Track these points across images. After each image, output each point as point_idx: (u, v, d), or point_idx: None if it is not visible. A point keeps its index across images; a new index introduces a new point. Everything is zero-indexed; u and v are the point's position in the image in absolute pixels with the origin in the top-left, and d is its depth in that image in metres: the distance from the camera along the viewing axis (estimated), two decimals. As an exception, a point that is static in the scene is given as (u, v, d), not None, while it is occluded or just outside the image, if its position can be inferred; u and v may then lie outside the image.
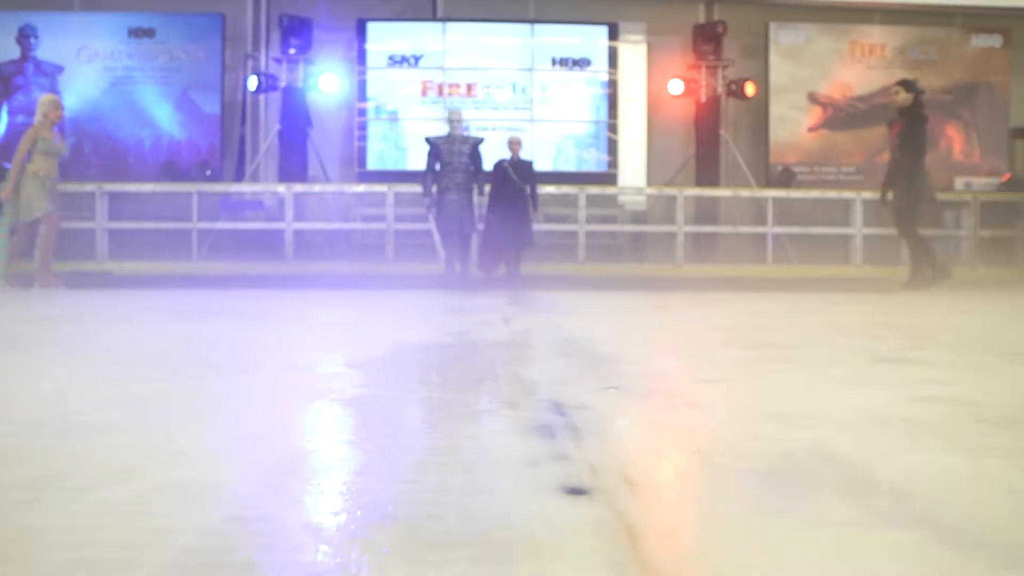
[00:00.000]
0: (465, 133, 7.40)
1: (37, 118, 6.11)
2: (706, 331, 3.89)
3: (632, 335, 3.74)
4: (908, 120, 6.20)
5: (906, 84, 6.31)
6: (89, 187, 9.36)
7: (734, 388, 2.24)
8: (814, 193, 9.86)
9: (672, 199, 9.69)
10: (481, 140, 7.39)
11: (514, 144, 7.55)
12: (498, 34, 10.59)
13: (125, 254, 9.39)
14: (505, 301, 5.12)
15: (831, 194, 9.87)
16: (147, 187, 9.47)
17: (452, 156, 7.07)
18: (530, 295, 5.65)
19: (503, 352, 2.95)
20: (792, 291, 6.82)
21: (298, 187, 9.37)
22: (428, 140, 7.38)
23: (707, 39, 10.51)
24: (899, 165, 6.22)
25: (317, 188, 9.62)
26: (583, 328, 3.85)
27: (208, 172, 10.01)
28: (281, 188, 9.47)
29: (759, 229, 9.72)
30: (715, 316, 4.65)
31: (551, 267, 8.89)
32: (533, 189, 7.44)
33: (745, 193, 9.84)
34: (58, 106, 6.24)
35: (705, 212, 10.25)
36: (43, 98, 6.35)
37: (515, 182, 7.29)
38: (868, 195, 9.78)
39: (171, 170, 10.07)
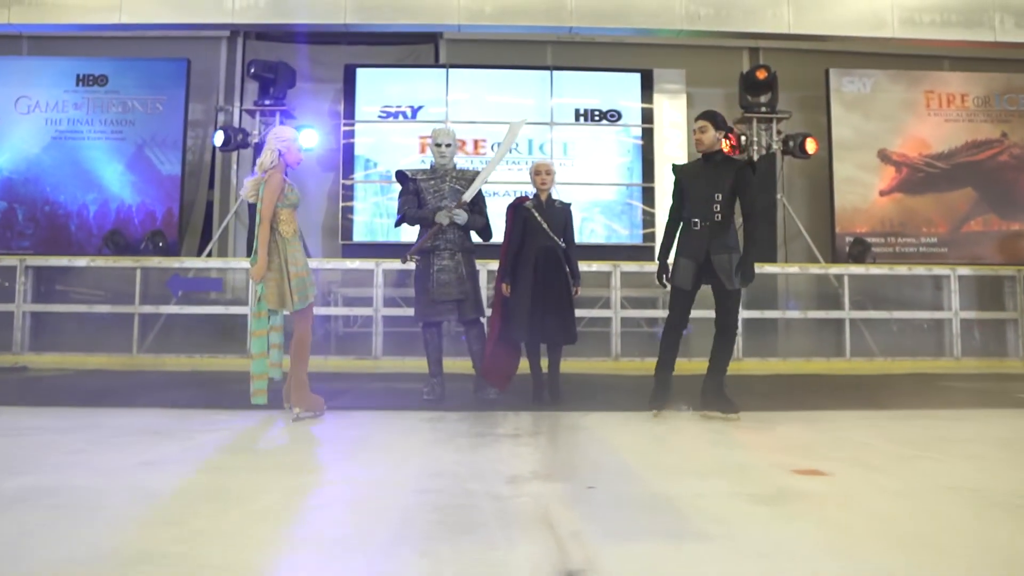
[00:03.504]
0: (460, 166, 5.21)
1: (269, 158, 4.11)
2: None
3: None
4: (739, 173, 4.24)
5: (710, 117, 4.30)
6: (9, 260, 7.61)
7: None
8: (901, 269, 8.02)
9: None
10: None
11: (542, 174, 4.85)
12: (510, 83, 8.99)
13: (49, 344, 7.58)
14: (540, 460, 3.21)
15: (920, 270, 8.04)
16: (80, 261, 7.69)
17: (438, 198, 4.90)
18: (573, 438, 3.74)
19: None
20: (886, 404, 4.91)
21: (265, 262, 7.56)
22: (401, 176, 5.05)
23: (757, 89, 8.90)
24: (727, 233, 4.25)
25: (289, 263, 7.77)
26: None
27: (160, 244, 8.24)
28: (243, 263, 7.67)
29: (835, 314, 7.85)
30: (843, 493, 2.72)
31: (577, 363, 7.01)
32: (571, 250, 4.90)
33: (815, 270, 8.01)
34: (297, 140, 4.28)
35: (761, 292, 8.40)
36: (279, 131, 4.30)
37: (546, 237, 4.80)
38: (965, 271, 8.00)
39: (117, 241, 8.33)
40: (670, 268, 4.33)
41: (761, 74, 8.83)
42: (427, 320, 4.89)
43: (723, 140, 4.45)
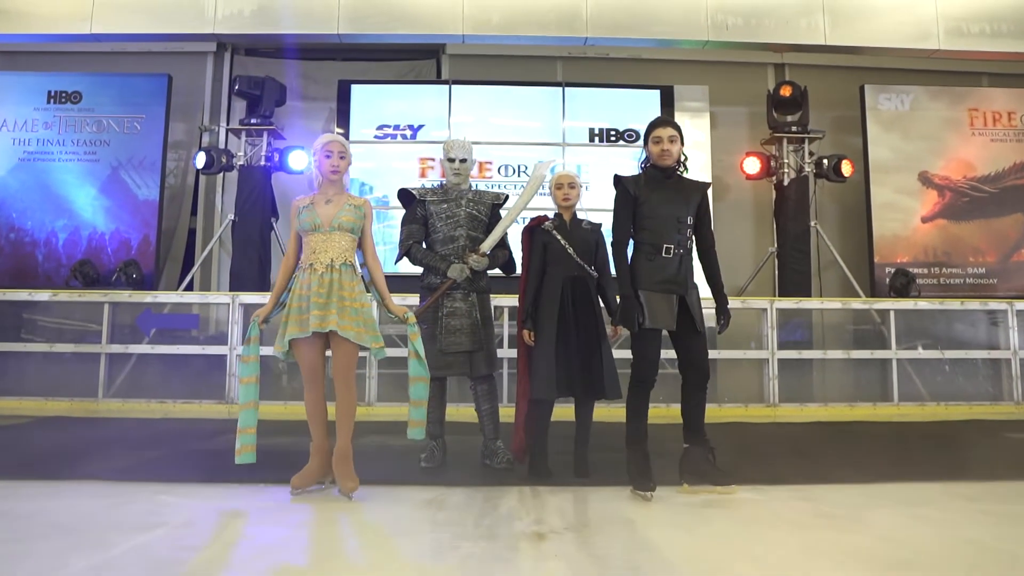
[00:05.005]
0: (476, 187, 4.46)
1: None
2: None
3: None
4: (705, 197, 3.74)
5: (678, 127, 3.71)
6: (-38, 295, 6.85)
7: None
8: (953, 303, 7.22)
9: (758, 313, 7.07)
10: (505, 198, 4.37)
11: (565, 187, 4.01)
12: (519, 100, 8.27)
13: (8, 386, 6.78)
14: None
15: (974, 304, 7.23)
16: (42, 295, 6.91)
17: (452, 226, 4.15)
18: (616, 538, 2.92)
19: None
20: (967, 468, 4.09)
21: (247, 297, 6.80)
22: (406, 196, 4.27)
23: (787, 107, 8.17)
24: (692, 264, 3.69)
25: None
26: None
27: (133, 275, 7.48)
28: (223, 298, 6.90)
29: (881, 354, 7.04)
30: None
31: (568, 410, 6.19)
32: (605, 279, 4.01)
33: (858, 304, 7.21)
34: (320, 145, 3.71)
35: (796, 330, 7.60)
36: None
37: (572, 264, 3.94)
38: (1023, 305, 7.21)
39: (86, 272, 7.56)
40: (643, 305, 3.53)
41: (786, 91, 8.11)
42: (433, 376, 4.10)
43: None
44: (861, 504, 3.29)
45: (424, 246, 4.21)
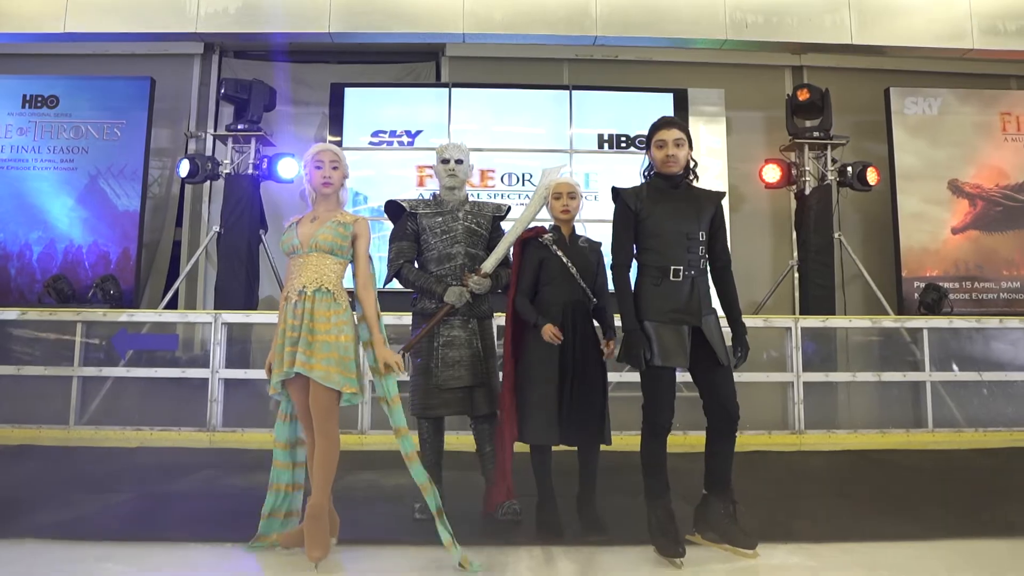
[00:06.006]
0: (474, 198, 3.95)
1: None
2: None
3: None
4: (720, 208, 3.23)
5: (686, 128, 3.23)
6: (-76, 314, 6.35)
7: None
8: (991, 321, 6.70)
9: (780, 332, 6.55)
10: (507, 210, 3.88)
11: (564, 197, 3.49)
12: (523, 104, 7.79)
13: (-26, 413, 6.28)
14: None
15: (1014, 322, 6.71)
16: (10, 314, 6.40)
17: (448, 242, 3.64)
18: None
19: None
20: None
21: (230, 315, 6.29)
22: (395, 209, 3.74)
23: (807, 111, 7.68)
24: (707, 286, 3.18)
25: (258, 317, 6.47)
26: None
27: (111, 291, 6.99)
28: (205, 316, 6.40)
29: (914, 376, 6.52)
30: None
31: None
32: (605, 300, 3.51)
33: (889, 323, 6.69)
34: (310, 156, 3.21)
35: (816, 348, 7.06)
36: None
37: (574, 287, 3.42)
38: (1067, 324, 6.69)
39: (60, 288, 7.07)
40: (651, 339, 3.00)
41: (803, 95, 7.61)
42: (427, 416, 3.58)
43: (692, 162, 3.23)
44: (938, 572, 2.77)
45: (416, 265, 3.69)
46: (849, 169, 7.52)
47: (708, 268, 3.15)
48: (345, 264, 3.08)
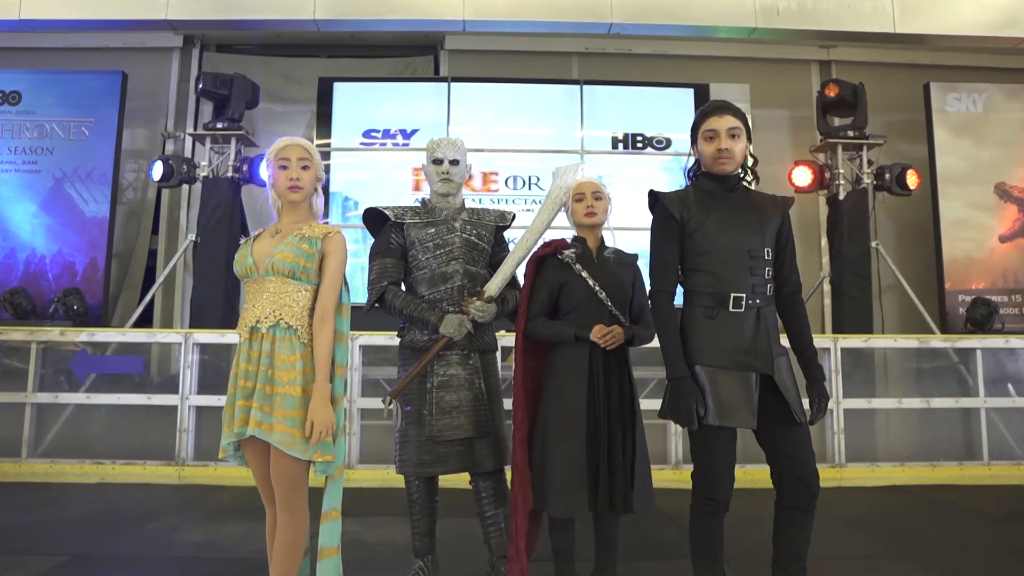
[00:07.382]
0: (472, 204, 3.19)
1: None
2: None
3: None
4: (787, 216, 2.53)
5: (743, 116, 2.47)
6: None
7: None
8: (1053, 342, 6.01)
9: (817, 352, 5.86)
10: (512, 219, 3.18)
11: (587, 197, 2.84)
12: (529, 101, 7.11)
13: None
14: None
15: (1076, 342, 6.02)
16: (-43, 333, 5.74)
17: (443, 259, 2.92)
18: None
19: None
20: None
21: (202, 335, 5.62)
22: (376, 218, 3.06)
23: (840, 109, 7.01)
24: (775, 318, 2.48)
25: (234, 336, 5.78)
26: None
27: (74, 307, 6.32)
28: (174, 336, 5.71)
29: (967, 402, 5.83)
30: None
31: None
32: (643, 329, 2.77)
33: (937, 343, 6.00)
34: (272, 154, 2.50)
35: (853, 370, 6.33)
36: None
37: (603, 314, 2.72)
38: None
39: (18, 303, 6.40)
40: (705, 390, 2.31)
41: (831, 91, 6.93)
42: (418, 475, 2.89)
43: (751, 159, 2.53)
44: None
45: (404, 288, 3.00)
46: (887, 172, 6.84)
47: (772, 295, 2.46)
48: (313, 291, 2.36)
